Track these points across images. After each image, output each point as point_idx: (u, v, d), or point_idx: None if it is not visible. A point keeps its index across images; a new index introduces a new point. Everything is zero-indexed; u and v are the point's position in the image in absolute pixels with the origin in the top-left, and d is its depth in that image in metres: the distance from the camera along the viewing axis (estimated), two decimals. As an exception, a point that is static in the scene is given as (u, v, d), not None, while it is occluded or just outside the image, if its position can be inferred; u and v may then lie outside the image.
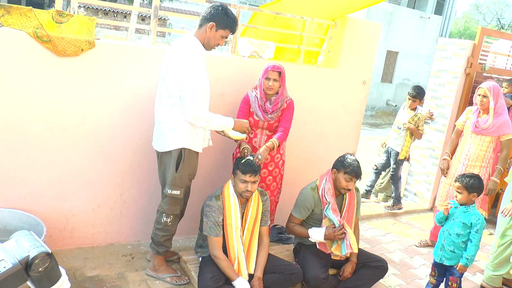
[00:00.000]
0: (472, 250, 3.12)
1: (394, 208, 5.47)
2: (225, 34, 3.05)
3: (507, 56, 6.22)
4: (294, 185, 4.28)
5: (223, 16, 2.98)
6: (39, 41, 3.00)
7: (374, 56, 4.65)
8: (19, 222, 3.12)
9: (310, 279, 3.26)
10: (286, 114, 3.69)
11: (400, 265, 4.12)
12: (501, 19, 34.79)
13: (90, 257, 3.45)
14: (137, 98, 3.45)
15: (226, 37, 3.08)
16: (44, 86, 3.11)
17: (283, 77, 3.60)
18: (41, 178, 3.26)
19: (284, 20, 4.53)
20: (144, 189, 3.68)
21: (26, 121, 3.11)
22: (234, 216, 3.14)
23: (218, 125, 3.11)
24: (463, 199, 3.21)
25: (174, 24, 21.86)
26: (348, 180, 3.33)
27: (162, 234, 3.21)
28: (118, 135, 3.45)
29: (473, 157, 4.20)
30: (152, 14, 3.49)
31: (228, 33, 3.06)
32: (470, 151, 4.22)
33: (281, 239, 4.22)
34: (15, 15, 2.98)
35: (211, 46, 3.07)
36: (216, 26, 2.99)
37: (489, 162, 4.20)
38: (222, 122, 3.11)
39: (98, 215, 3.56)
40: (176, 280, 3.28)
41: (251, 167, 3.10)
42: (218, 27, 3.00)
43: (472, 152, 4.21)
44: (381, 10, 19.76)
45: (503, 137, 4.13)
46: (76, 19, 3.16)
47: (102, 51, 3.24)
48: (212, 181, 3.92)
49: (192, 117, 2.93)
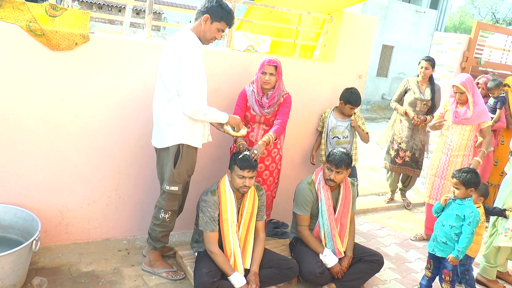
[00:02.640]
0: (464, 242, 3.14)
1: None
2: (221, 27, 3.02)
3: (502, 50, 6.23)
4: (291, 180, 4.29)
5: (218, 8, 2.96)
6: (32, 34, 2.96)
7: (370, 50, 4.64)
8: (13, 218, 3.10)
9: (306, 274, 3.27)
10: (283, 107, 3.68)
11: (395, 259, 4.14)
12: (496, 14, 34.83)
13: (85, 252, 3.44)
14: (132, 93, 3.43)
15: (223, 30, 3.06)
16: (38, 80, 3.08)
17: (279, 71, 3.59)
18: (35, 173, 3.24)
19: (279, 14, 4.51)
20: (139, 184, 3.66)
21: (20, 115, 3.08)
22: (230, 211, 3.14)
23: (214, 118, 3.08)
24: (461, 194, 3.22)
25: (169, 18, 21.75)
26: (329, 170, 3.36)
27: (159, 230, 3.20)
28: (113, 129, 3.43)
29: (456, 147, 4.25)
30: (147, 8, 3.46)
31: (224, 26, 3.03)
32: (452, 141, 4.27)
33: (277, 233, 4.23)
34: (8, 9, 2.94)
35: (207, 39, 3.04)
36: (211, 18, 2.97)
37: (471, 150, 4.26)
38: (218, 115, 3.08)
39: (93, 210, 3.54)
40: (172, 275, 3.27)
41: (249, 162, 3.09)
42: (213, 19, 2.97)
43: (454, 142, 4.26)
44: (377, 4, 19.72)
45: (484, 125, 4.20)
46: (70, 12, 3.12)
47: (96, 45, 3.21)
48: (208, 176, 3.91)
49: (191, 110, 2.91)
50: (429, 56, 5.05)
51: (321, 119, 4.41)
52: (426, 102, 5.03)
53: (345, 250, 3.43)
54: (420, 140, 5.16)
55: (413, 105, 5.07)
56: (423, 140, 5.17)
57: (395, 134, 5.29)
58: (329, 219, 3.40)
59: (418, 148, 5.18)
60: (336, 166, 3.33)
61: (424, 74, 5.00)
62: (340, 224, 3.47)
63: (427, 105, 5.04)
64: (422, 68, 4.99)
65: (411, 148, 5.18)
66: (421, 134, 5.16)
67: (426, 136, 5.22)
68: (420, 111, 5.07)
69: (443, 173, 4.32)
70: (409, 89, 5.14)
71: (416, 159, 5.22)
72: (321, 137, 4.43)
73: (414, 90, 5.07)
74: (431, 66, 4.97)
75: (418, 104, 5.04)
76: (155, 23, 3.60)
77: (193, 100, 2.89)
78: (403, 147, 5.21)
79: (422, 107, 5.05)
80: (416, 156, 5.21)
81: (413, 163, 5.24)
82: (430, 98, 5.02)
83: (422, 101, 5.02)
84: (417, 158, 5.22)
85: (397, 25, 20.84)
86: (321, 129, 4.42)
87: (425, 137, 5.21)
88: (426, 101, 5.02)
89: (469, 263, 3.56)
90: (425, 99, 5.02)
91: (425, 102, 5.03)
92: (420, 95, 5.03)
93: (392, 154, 5.33)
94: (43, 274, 3.06)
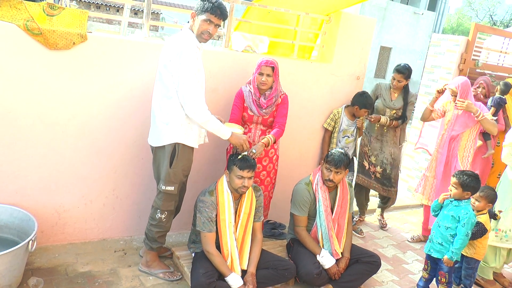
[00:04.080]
0: (458, 244, 3.15)
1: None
2: (207, 17, 2.95)
3: (499, 52, 6.25)
4: (288, 180, 4.28)
5: (201, 1, 2.97)
6: (29, 34, 2.95)
7: (368, 51, 4.64)
8: (10, 217, 3.09)
9: (303, 275, 3.26)
10: (281, 109, 3.68)
11: (393, 260, 4.14)
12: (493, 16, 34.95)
13: (82, 252, 3.42)
14: (130, 93, 3.42)
15: (213, 23, 2.98)
16: (35, 79, 3.06)
17: (276, 72, 3.58)
18: (32, 172, 3.22)
19: (278, 15, 4.51)
20: (137, 184, 3.65)
21: (17, 114, 3.07)
22: (228, 211, 3.13)
23: (213, 129, 3.03)
24: (457, 194, 3.23)
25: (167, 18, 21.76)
26: (328, 170, 3.35)
27: (156, 230, 3.20)
28: (111, 129, 3.42)
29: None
30: (145, 7, 3.45)
31: (210, 16, 2.95)
32: (447, 142, 4.29)
33: (274, 234, 4.22)
34: (5, 7, 2.93)
35: (200, 35, 3.00)
36: (196, 13, 2.98)
37: (470, 151, 4.25)
38: (218, 127, 3.03)
39: (90, 210, 3.53)
40: (169, 276, 3.26)
41: (248, 162, 3.09)
42: (198, 13, 2.98)
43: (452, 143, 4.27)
44: (375, 5, 19.76)
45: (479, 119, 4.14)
46: (68, 12, 3.11)
47: (94, 44, 3.19)
48: (205, 176, 3.91)
49: (191, 110, 2.90)
50: (404, 66, 4.38)
51: (332, 118, 4.44)
52: (396, 111, 4.43)
53: (342, 251, 3.43)
54: (390, 153, 4.51)
55: (382, 113, 4.49)
56: (393, 153, 4.52)
57: (364, 146, 4.67)
58: (327, 220, 3.39)
59: (388, 163, 4.52)
60: (336, 167, 3.33)
61: (395, 87, 4.43)
62: (338, 225, 3.47)
63: (398, 114, 4.45)
64: (395, 80, 4.40)
65: (381, 163, 4.54)
66: (391, 146, 4.51)
67: (398, 149, 4.58)
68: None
69: (439, 173, 4.32)
70: (379, 96, 4.55)
71: (388, 175, 4.54)
72: (328, 135, 4.48)
73: (384, 97, 4.48)
74: (404, 78, 4.36)
75: (387, 113, 4.46)
76: (153, 23, 3.59)
77: (194, 100, 2.89)
78: (373, 161, 4.59)
79: (391, 116, 4.45)
80: (387, 172, 4.54)
81: (385, 180, 4.56)
82: (401, 107, 4.43)
83: (392, 109, 4.44)
84: (389, 175, 4.54)
85: (395, 26, 20.90)
86: (330, 128, 4.45)
87: (396, 150, 4.55)
88: (396, 110, 4.43)
89: (476, 266, 3.55)
90: (394, 107, 4.44)
91: (395, 111, 4.43)
92: (390, 103, 4.45)
93: (366, 165, 4.67)
94: (40, 274, 3.05)
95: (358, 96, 4.30)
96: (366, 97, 4.28)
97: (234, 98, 3.66)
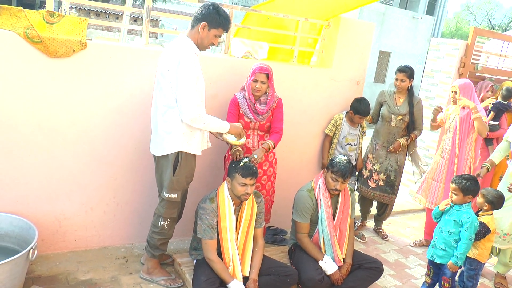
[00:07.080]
0: (462, 248, 3.14)
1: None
2: (218, 33, 3.02)
3: (499, 56, 6.26)
4: (288, 186, 4.27)
5: (215, 15, 2.95)
6: (29, 42, 2.95)
7: (367, 56, 4.65)
8: (10, 226, 3.07)
9: (306, 281, 3.24)
10: (277, 114, 3.68)
11: (395, 265, 4.12)
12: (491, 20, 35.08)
13: (83, 260, 3.41)
14: (130, 100, 3.41)
15: (220, 36, 3.06)
16: (35, 87, 3.06)
17: (271, 78, 3.57)
18: (32, 180, 3.21)
19: (277, 21, 4.51)
20: (137, 191, 3.64)
21: (17, 122, 3.06)
22: (229, 218, 3.12)
23: (214, 127, 3.09)
24: (458, 200, 3.22)
25: (167, 25, 21.83)
26: (334, 180, 3.33)
27: (158, 237, 3.18)
28: (111, 136, 3.42)
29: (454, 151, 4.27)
30: (144, 14, 3.45)
31: (221, 32, 3.03)
32: (449, 145, 4.30)
33: (276, 240, 4.21)
34: (5, 16, 2.93)
35: (205, 46, 3.04)
36: (209, 25, 2.96)
37: (469, 154, 4.25)
38: (219, 124, 3.09)
39: (91, 218, 3.51)
40: (170, 283, 3.24)
41: (251, 170, 3.08)
42: (211, 26, 2.97)
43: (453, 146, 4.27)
44: (374, 10, 19.82)
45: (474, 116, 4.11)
46: (68, 19, 3.12)
47: (94, 52, 3.20)
48: (206, 183, 3.90)
49: (190, 118, 2.90)
50: (405, 66, 4.36)
51: (333, 124, 4.42)
52: (403, 117, 4.34)
53: (344, 257, 3.42)
54: (396, 160, 4.46)
55: (388, 120, 4.39)
56: (399, 160, 4.48)
57: (369, 153, 4.62)
58: (329, 227, 3.38)
59: (393, 169, 4.47)
60: (343, 177, 3.31)
61: (399, 87, 4.36)
62: (339, 231, 3.45)
63: (404, 120, 4.35)
64: (397, 81, 4.34)
65: (385, 170, 4.48)
66: (398, 153, 4.46)
67: (404, 156, 4.55)
68: (397, 127, 4.38)
69: (441, 176, 4.32)
70: (384, 102, 4.47)
71: (392, 182, 4.50)
72: (328, 141, 4.46)
73: (389, 104, 4.39)
74: (407, 77, 4.31)
75: (393, 119, 4.36)
76: (152, 30, 3.60)
77: (192, 108, 2.87)
78: (377, 168, 4.52)
79: (398, 123, 4.36)
80: (391, 179, 4.49)
81: (388, 187, 4.51)
82: (408, 112, 4.33)
83: (398, 115, 4.34)
84: (393, 182, 4.50)
85: (394, 31, 20.94)
86: (331, 133, 4.44)
87: (403, 157, 4.52)
88: (402, 116, 4.34)
89: (479, 268, 3.53)
90: (400, 113, 4.34)
91: (402, 117, 4.34)
92: (395, 108, 4.36)
93: (365, 174, 4.61)
94: (40, 283, 3.03)
95: (354, 101, 4.30)
96: (361, 103, 4.24)
97: (229, 105, 3.63)
